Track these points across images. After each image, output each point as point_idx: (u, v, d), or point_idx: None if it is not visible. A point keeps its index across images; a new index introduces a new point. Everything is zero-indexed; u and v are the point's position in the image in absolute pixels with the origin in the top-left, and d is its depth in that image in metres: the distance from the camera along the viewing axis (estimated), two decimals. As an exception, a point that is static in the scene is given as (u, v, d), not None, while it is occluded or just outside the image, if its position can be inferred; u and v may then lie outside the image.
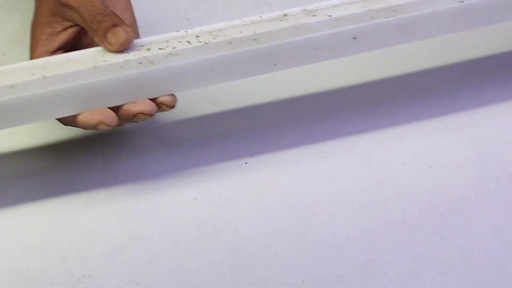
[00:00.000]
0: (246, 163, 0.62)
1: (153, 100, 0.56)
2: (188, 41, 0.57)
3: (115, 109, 0.56)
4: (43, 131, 0.63)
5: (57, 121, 0.57)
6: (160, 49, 0.56)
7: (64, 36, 0.57)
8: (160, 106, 0.56)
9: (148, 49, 0.56)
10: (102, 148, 0.62)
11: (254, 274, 0.55)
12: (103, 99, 0.55)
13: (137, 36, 0.60)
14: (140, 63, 0.55)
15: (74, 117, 0.55)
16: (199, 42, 0.56)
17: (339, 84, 0.67)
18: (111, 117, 0.55)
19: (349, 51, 0.60)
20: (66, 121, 0.57)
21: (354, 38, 0.58)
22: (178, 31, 0.57)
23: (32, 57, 0.57)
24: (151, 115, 0.56)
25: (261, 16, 0.58)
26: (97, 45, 0.56)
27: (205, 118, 0.65)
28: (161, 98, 0.56)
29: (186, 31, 0.57)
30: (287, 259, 0.56)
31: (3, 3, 0.78)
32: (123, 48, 0.55)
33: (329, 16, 0.58)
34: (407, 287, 0.54)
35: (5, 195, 0.60)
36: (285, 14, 0.59)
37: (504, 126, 0.64)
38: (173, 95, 0.56)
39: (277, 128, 0.64)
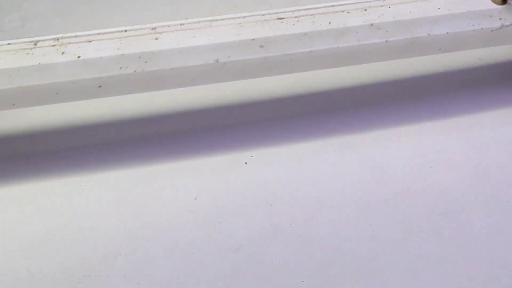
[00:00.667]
0: (246, 163, 0.62)
1: None
2: None
3: None
4: None
5: None
6: None
7: None
8: None
9: None
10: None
11: (254, 274, 0.55)
12: None
13: None
14: None
15: None
16: None
17: (339, 83, 0.67)
18: None
19: (94, 96, 0.58)
20: None
21: (100, 86, 0.56)
22: None
23: None
24: None
25: (9, 43, 0.56)
26: None
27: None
28: None
29: None
30: (287, 259, 0.56)
31: (3, 3, 0.78)
32: None
33: (78, 57, 0.55)
34: (407, 287, 0.54)
35: None
36: (35, 44, 0.56)
37: (503, 126, 0.64)
38: None
39: (277, 128, 0.64)
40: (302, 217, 0.58)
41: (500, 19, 0.59)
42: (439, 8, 0.58)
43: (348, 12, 0.58)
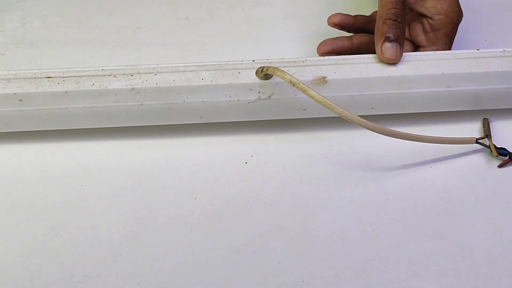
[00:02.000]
0: (246, 163, 0.62)
1: None
2: None
3: None
4: None
5: None
6: None
7: None
8: None
9: None
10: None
11: (254, 274, 0.55)
12: None
13: None
14: None
15: None
16: None
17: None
18: None
19: None
20: None
21: None
22: None
23: None
24: None
25: None
26: None
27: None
28: None
29: None
30: (287, 259, 0.56)
31: (3, 3, 0.78)
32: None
33: None
34: (407, 287, 0.54)
35: None
36: None
37: (504, 126, 0.64)
38: None
39: (277, 128, 0.64)
40: (302, 217, 0.58)
41: (259, 92, 0.61)
42: (203, 79, 0.61)
43: (115, 76, 0.62)
